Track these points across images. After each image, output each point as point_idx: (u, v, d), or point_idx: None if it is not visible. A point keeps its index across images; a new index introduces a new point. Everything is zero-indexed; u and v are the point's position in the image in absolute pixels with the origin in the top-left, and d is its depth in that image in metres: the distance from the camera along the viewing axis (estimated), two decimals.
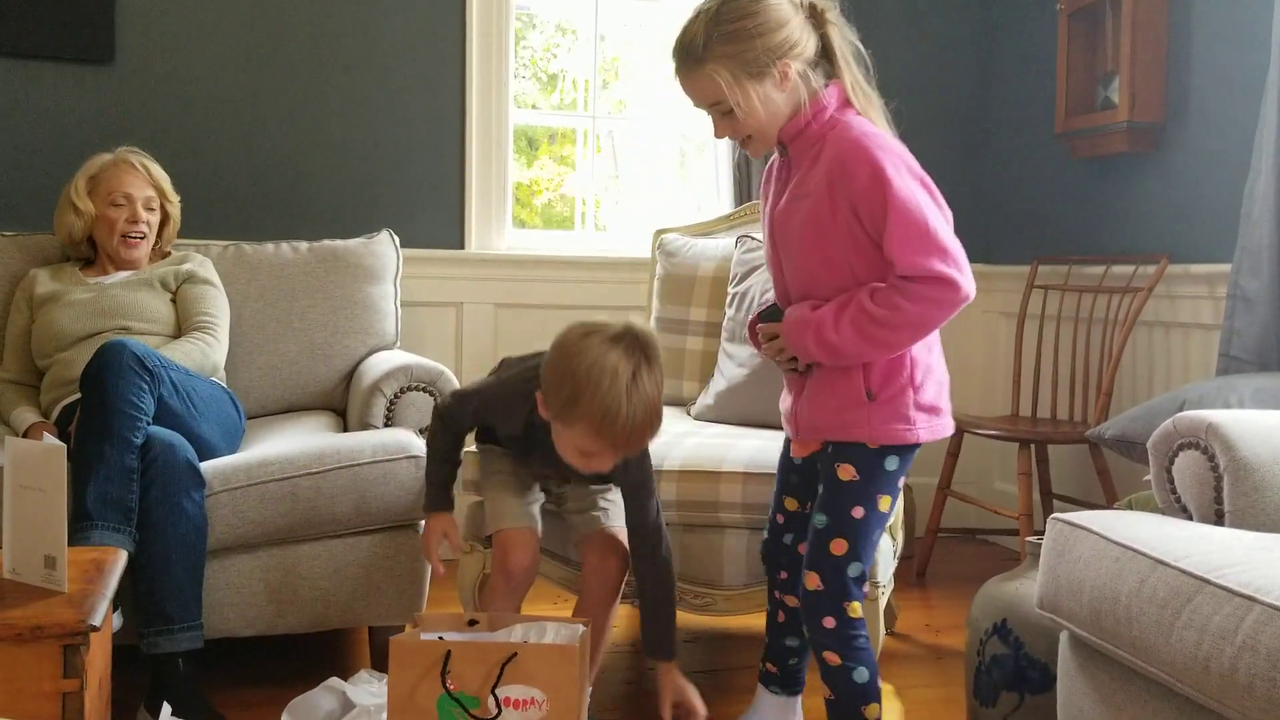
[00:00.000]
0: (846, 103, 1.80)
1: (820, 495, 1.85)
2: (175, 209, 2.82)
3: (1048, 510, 3.32)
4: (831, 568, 1.82)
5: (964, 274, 1.71)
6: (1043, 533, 1.92)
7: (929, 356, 1.82)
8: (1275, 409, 2.14)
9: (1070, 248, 3.53)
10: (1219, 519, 1.82)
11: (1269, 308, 2.64)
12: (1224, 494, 1.80)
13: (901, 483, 1.86)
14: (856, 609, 1.83)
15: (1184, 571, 1.54)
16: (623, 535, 2.11)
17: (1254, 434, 1.80)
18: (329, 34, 3.36)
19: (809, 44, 1.78)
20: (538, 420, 1.96)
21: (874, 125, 1.80)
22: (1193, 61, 3.11)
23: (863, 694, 1.85)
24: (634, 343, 1.87)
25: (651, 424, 1.89)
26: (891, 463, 1.81)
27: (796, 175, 1.79)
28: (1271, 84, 2.64)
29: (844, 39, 1.82)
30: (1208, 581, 1.50)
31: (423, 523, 2.24)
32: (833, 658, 1.84)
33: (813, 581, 1.83)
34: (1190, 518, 1.88)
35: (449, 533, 2.13)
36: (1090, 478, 3.23)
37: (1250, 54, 2.90)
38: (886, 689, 2.44)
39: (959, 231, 1.80)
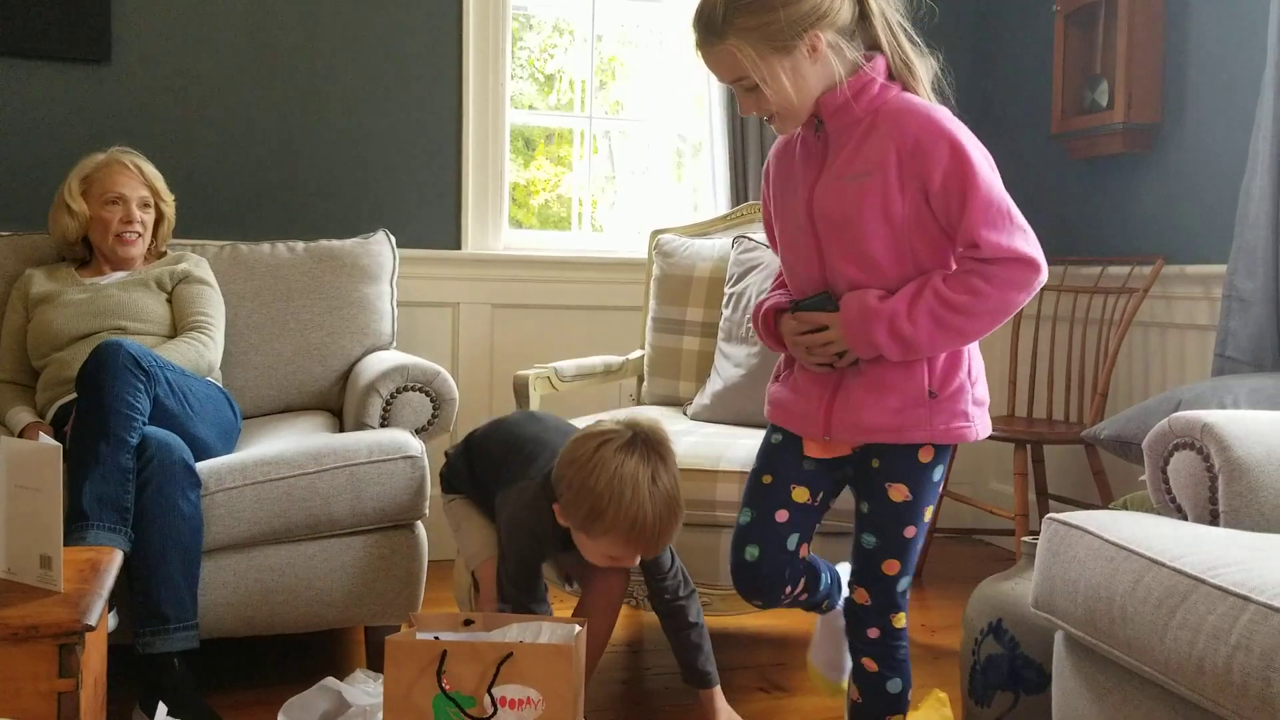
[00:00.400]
0: (890, 73, 1.65)
1: (865, 513, 1.73)
2: (170, 208, 2.82)
3: (1043, 510, 3.32)
4: (882, 586, 1.73)
5: (1041, 254, 1.60)
6: (1038, 533, 1.92)
7: (976, 349, 1.72)
8: (1270, 409, 2.15)
9: (1066, 248, 3.53)
10: (1214, 519, 1.82)
11: (1264, 308, 2.65)
12: (1219, 494, 1.81)
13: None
14: (901, 619, 1.75)
15: (1179, 571, 1.55)
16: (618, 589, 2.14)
17: (1249, 434, 1.81)
18: (325, 33, 3.36)
19: (842, 10, 1.60)
20: (558, 530, 1.97)
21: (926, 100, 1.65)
22: (1189, 63, 3.12)
23: (892, 704, 1.78)
24: (647, 444, 1.89)
25: (676, 519, 1.91)
26: (938, 473, 1.70)
27: (841, 154, 1.62)
28: (1267, 85, 2.64)
29: (883, 1, 1.66)
30: (1202, 581, 1.50)
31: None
32: (871, 665, 1.77)
33: (861, 596, 1.75)
34: (1185, 518, 1.88)
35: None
36: (1086, 478, 3.23)
37: (1246, 55, 2.90)
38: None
39: None
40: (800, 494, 1.75)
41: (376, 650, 2.41)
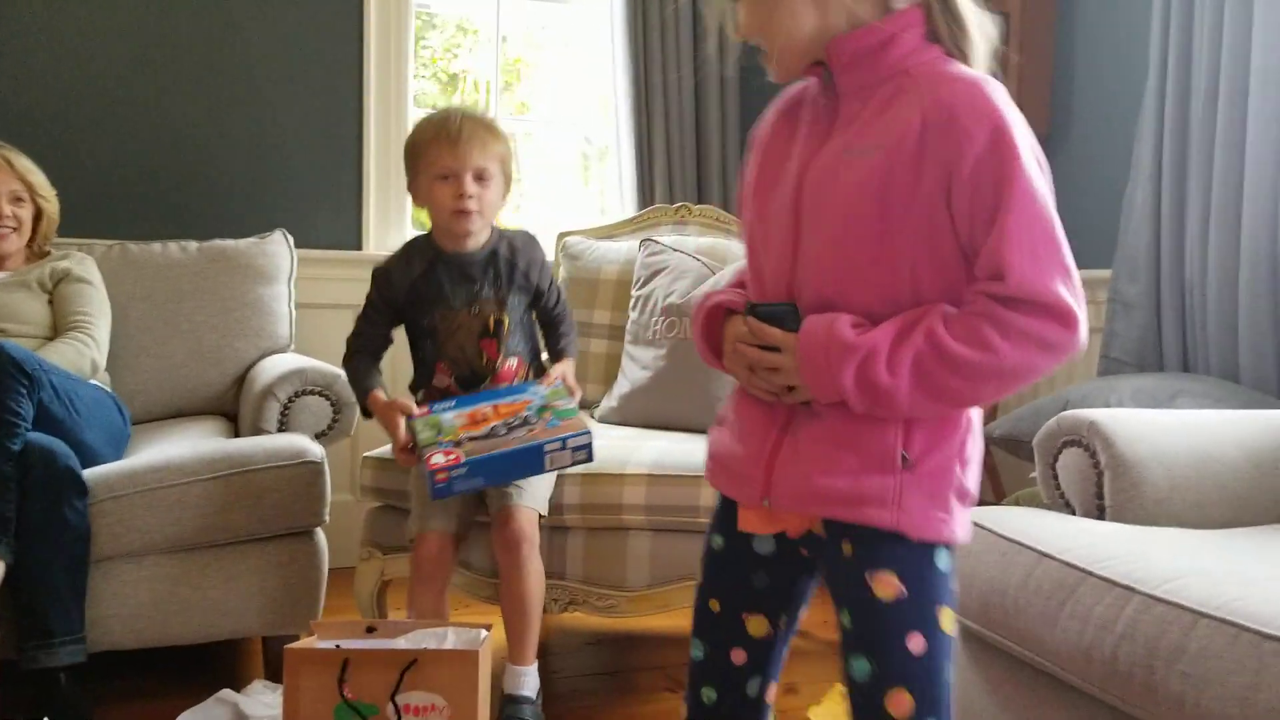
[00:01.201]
0: (930, 33, 1.22)
1: (848, 627, 1.24)
2: (50, 205, 2.72)
3: None
4: None
5: (1083, 310, 1.17)
6: None
7: (977, 419, 1.27)
8: (1153, 408, 2.24)
9: None
10: (1100, 513, 1.90)
11: (1146, 312, 2.76)
12: (1105, 489, 1.88)
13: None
14: None
15: (1068, 564, 1.61)
16: (531, 511, 2.09)
17: (1132, 432, 1.88)
18: (221, 26, 3.28)
19: None
20: (434, 254, 2.14)
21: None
22: (1076, 77, 3.23)
23: None
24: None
25: (484, 120, 2.08)
26: (943, 559, 1.22)
27: (853, 123, 1.22)
28: (1149, 100, 2.76)
29: None
30: (1090, 573, 1.56)
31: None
32: None
33: None
34: (1074, 512, 1.95)
35: (396, 403, 2.07)
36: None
37: (1130, 72, 3.02)
38: (782, 685, 2.48)
39: None
40: (757, 625, 1.34)
41: (274, 661, 2.36)
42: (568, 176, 3.85)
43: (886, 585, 1.20)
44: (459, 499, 2.08)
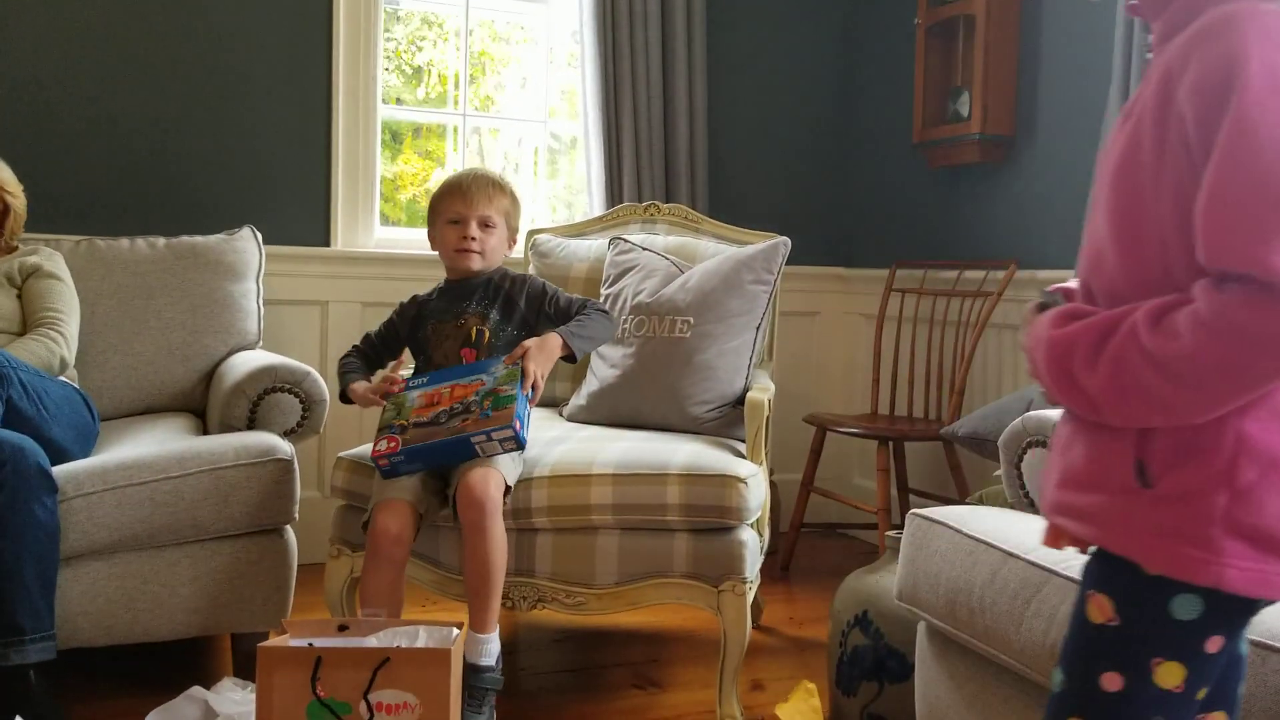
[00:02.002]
0: None
1: (1064, 637, 1.14)
2: (17, 201, 2.69)
3: (905, 505, 3.45)
4: None
5: None
6: (901, 527, 2.00)
7: (1266, 436, 1.01)
8: None
9: (926, 252, 3.67)
10: None
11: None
12: None
13: (1215, 648, 1.05)
14: None
15: (1033, 563, 1.64)
16: (495, 473, 2.09)
17: None
18: (189, 21, 3.26)
19: None
20: (447, 283, 2.42)
21: None
22: (1040, 79, 3.28)
23: None
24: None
25: (494, 179, 2.36)
26: (1184, 606, 1.03)
27: (1146, 77, 1.09)
28: (1112, 102, 2.81)
29: None
30: (1054, 573, 1.60)
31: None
32: None
33: None
34: (1038, 511, 1.99)
35: (373, 387, 2.27)
36: (944, 473, 3.37)
37: (1093, 74, 3.07)
38: (749, 681, 2.51)
39: (819, 235, 1.74)
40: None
41: (244, 658, 2.36)
42: (534, 171, 3.85)
43: (1098, 608, 1.07)
44: (420, 480, 2.14)
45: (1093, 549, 1.10)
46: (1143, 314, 0.99)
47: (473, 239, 2.33)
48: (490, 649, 2.08)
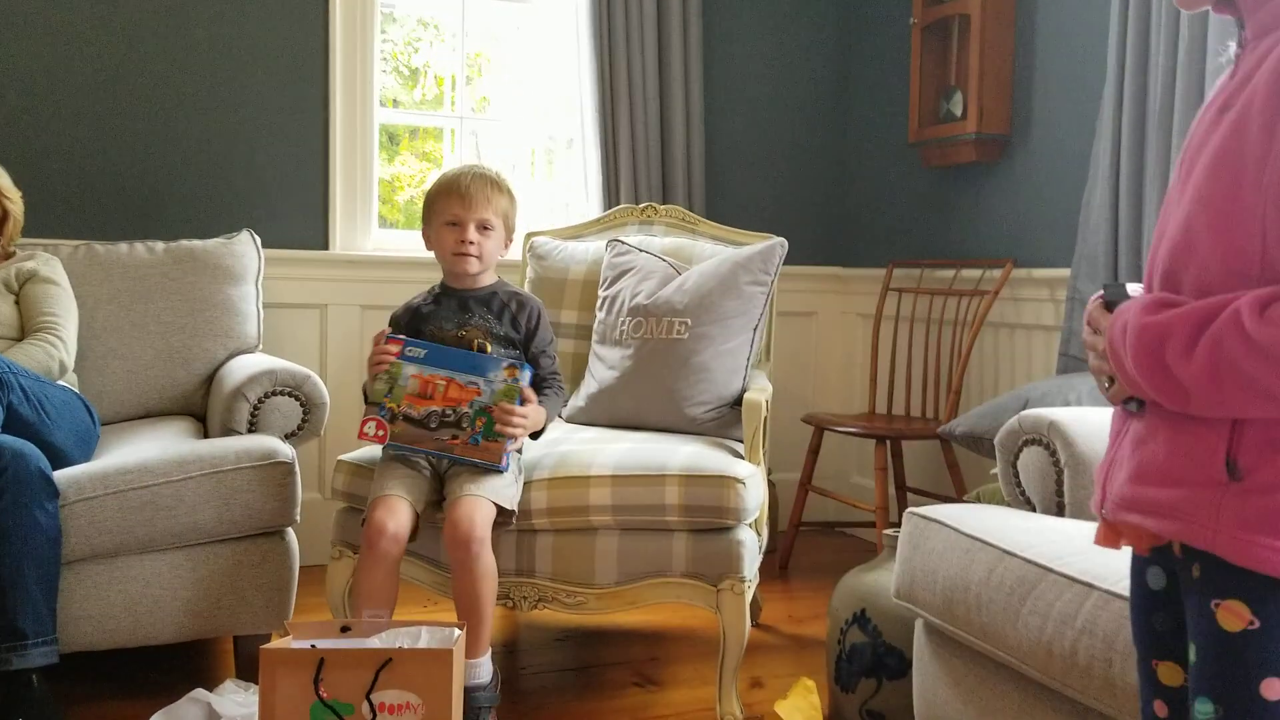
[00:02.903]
0: None
1: (1194, 662, 1.07)
2: (15, 206, 2.70)
3: (902, 503, 3.47)
4: None
5: None
6: (899, 525, 2.01)
7: None
8: (1110, 406, 2.30)
9: (922, 252, 3.69)
10: (1060, 510, 1.95)
11: None
12: (1064, 487, 1.93)
13: None
14: None
15: (1029, 561, 1.65)
16: (483, 501, 2.10)
17: (1091, 431, 1.93)
18: (188, 25, 3.27)
19: None
20: (442, 289, 2.36)
21: None
22: (1035, 78, 3.29)
23: None
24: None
25: (492, 177, 2.30)
26: None
27: (1240, 71, 1.10)
28: (1107, 101, 2.82)
29: None
30: (1050, 570, 1.61)
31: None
32: None
33: None
34: (1034, 509, 2.00)
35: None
36: (942, 471, 3.39)
37: (1088, 73, 3.09)
38: (749, 679, 2.52)
39: (815, 235, 1.77)
40: (1168, 673, 1.17)
41: (246, 660, 2.37)
42: (531, 172, 3.86)
43: (1233, 615, 1.02)
44: (420, 480, 2.18)
45: (1189, 551, 1.06)
46: (1247, 302, 0.97)
47: (471, 243, 2.27)
48: (483, 670, 2.11)
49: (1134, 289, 1.14)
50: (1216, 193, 1.03)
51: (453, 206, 2.28)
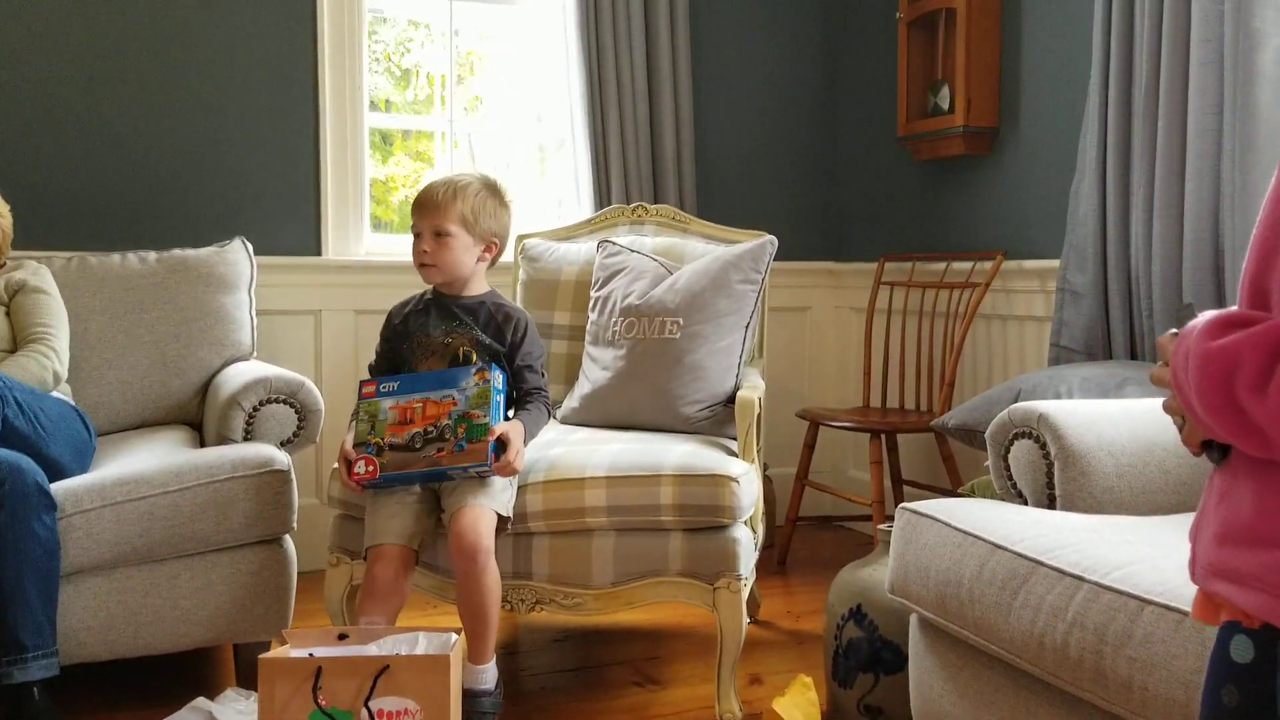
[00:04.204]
0: None
1: None
2: (4, 219, 2.69)
3: (899, 496, 3.48)
4: None
5: None
6: (894, 518, 2.02)
7: None
8: (1100, 397, 2.31)
9: (913, 245, 3.70)
10: (1051, 502, 1.96)
11: (1094, 301, 2.84)
12: (1055, 479, 1.94)
13: None
14: None
15: (1020, 554, 1.66)
16: (485, 510, 2.12)
17: (1080, 423, 1.94)
18: (174, 33, 3.27)
19: None
20: (432, 295, 2.38)
21: None
22: (1022, 71, 3.30)
23: None
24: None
25: (452, 184, 2.28)
26: None
27: None
28: (1093, 92, 2.83)
29: None
30: (1041, 563, 1.62)
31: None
32: None
33: None
34: (1025, 502, 2.01)
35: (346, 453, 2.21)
36: (936, 463, 3.40)
37: (1075, 65, 3.09)
38: (747, 676, 2.53)
39: (807, 231, 1.74)
40: None
41: (246, 668, 2.38)
42: (524, 171, 3.86)
43: None
44: (412, 511, 2.19)
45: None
46: None
47: (425, 251, 2.28)
48: (488, 676, 2.15)
49: None
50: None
51: (414, 216, 2.32)
